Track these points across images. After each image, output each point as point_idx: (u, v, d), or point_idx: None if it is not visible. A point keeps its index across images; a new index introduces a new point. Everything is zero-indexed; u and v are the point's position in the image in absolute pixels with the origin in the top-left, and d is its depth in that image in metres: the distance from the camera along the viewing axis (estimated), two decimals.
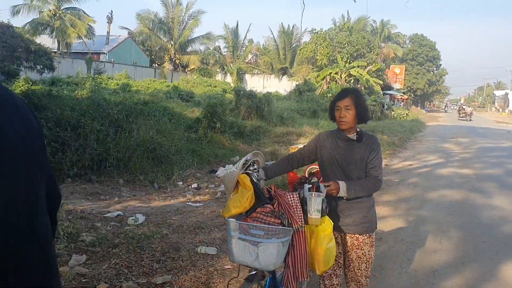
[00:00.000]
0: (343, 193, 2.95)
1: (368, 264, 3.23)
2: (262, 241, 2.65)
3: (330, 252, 2.95)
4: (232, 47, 47.75)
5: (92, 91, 15.70)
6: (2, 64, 17.98)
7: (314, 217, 2.81)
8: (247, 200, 2.81)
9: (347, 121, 3.07)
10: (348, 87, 3.63)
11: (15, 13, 32.66)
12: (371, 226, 3.17)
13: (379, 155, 3.10)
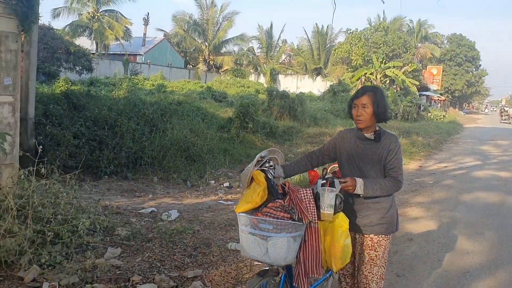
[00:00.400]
0: (360, 190, 2.89)
1: (380, 268, 3.08)
2: (271, 235, 2.65)
3: (347, 248, 2.91)
4: (266, 47, 47.79)
5: (129, 92, 16.12)
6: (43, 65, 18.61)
7: (327, 213, 2.79)
8: (258, 195, 2.80)
9: (363, 119, 2.99)
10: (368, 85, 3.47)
11: (55, 15, 33.81)
12: (389, 228, 3.07)
13: (398, 155, 2.99)
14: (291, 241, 2.69)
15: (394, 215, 3.10)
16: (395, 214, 3.11)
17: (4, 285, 3.63)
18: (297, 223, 2.71)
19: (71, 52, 21.86)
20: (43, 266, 3.91)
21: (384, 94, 3.10)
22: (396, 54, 40.01)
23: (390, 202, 3.06)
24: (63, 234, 4.19)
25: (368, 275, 3.07)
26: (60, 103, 10.59)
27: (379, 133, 3.02)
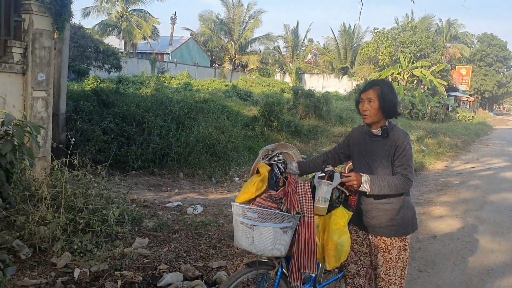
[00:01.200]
0: (366, 187, 2.75)
1: (397, 270, 2.95)
2: (257, 224, 2.62)
3: (341, 247, 2.83)
4: (292, 47, 47.72)
5: (156, 90, 16.39)
6: (73, 63, 19.05)
7: (320, 206, 2.71)
8: (254, 185, 2.78)
9: (369, 114, 2.87)
10: (377, 79, 3.38)
11: (85, 15, 34.64)
12: (401, 229, 2.90)
13: (407, 152, 2.81)
14: (279, 232, 2.63)
15: (407, 216, 2.92)
16: (408, 215, 2.93)
17: (38, 270, 3.81)
18: (285, 214, 2.65)
19: (100, 51, 22.31)
20: (75, 253, 4.08)
21: (392, 88, 2.96)
22: (424, 53, 39.40)
23: (400, 203, 2.88)
24: (93, 223, 4.36)
25: (385, 278, 2.96)
26: (90, 99, 10.87)
27: (386, 129, 2.88)
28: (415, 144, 15.05)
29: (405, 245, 2.94)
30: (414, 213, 3.00)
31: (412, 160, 2.84)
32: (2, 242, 3.99)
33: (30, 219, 4.11)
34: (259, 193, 2.79)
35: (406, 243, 2.95)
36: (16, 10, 6.55)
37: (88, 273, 3.79)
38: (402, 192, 2.85)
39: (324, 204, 2.72)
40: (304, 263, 2.75)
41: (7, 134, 4.71)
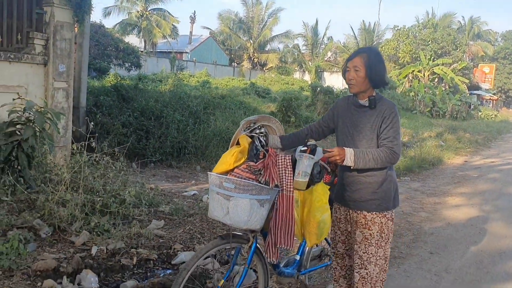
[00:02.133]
0: (350, 161, 2.62)
1: (378, 249, 2.77)
2: (233, 195, 2.55)
3: (324, 224, 2.77)
4: (311, 45, 47.57)
5: (174, 86, 16.60)
6: (94, 61, 19.39)
7: (300, 180, 2.62)
8: (233, 156, 2.71)
9: (355, 83, 2.74)
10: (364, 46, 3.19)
11: (106, 14, 35.24)
12: (383, 203, 2.77)
13: (394, 124, 2.69)
14: (255, 205, 2.56)
15: (390, 190, 2.79)
16: (391, 190, 2.80)
17: (58, 247, 3.95)
18: (263, 186, 2.59)
19: (120, 49, 22.64)
20: (92, 232, 4.21)
21: (379, 56, 2.81)
22: (445, 51, 38.89)
23: (383, 176, 2.76)
24: (110, 204, 4.49)
25: (363, 256, 2.78)
26: (110, 95, 11.09)
27: (373, 99, 2.75)
28: (434, 140, 14.92)
29: (387, 221, 2.79)
30: (397, 189, 2.89)
31: (399, 132, 2.73)
32: (24, 222, 4.14)
33: (50, 200, 4.25)
34: (238, 164, 2.71)
35: (389, 219, 2.80)
36: (38, 3, 6.77)
37: (105, 250, 3.92)
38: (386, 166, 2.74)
39: (304, 179, 2.62)
40: (281, 238, 2.69)
41: (28, 121, 4.89)
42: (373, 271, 2.77)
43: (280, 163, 2.68)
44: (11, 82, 6.51)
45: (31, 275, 3.36)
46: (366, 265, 2.78)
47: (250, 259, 2.80)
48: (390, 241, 2.83)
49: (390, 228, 2.81)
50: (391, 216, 2.82)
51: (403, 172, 9.86)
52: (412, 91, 32.13)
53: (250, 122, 2.90)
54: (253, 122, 2.91)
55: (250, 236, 2.79)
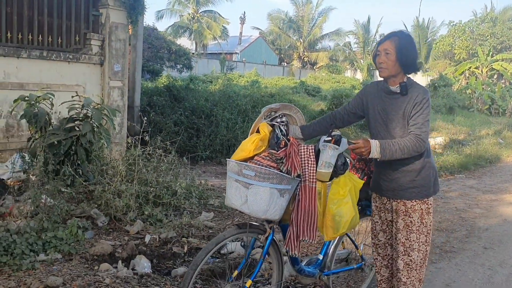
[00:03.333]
0: (376, 153, 2.55)
1: (420, 235, 2.73)
2: (252, 183, 2.46)
3: (339, 217, 2.66)
4: (363, 42, 46.76)
5: (224, 86, 16.87)
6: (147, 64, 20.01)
7: (323, 171, 2.52)
8: (253, 143, 2.62)
9: (385, 67, 2.65)
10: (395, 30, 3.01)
11: (159, 17, 36.29)
12: (422, 191, 2.71)
13: (425, 110, 2.59)
14: (275, 194, 2.47)
15: (429, 177, 2.73)
16: (430, 176, 2.74)
17: (113, 235, 4.15)
18: (284, 174, 2.50)
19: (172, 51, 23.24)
20: (146, 222, 4.39)
21: (411, 40, 2.74)
22: (505, 46, 37.09)
23: (422, 163, 2.70)
24: (163, 196, 4.66)
25: (405, 242, 2.74)
26: (163, 95, 11.47)
27: (405, 85, 2.66)
28: (492, 138, 14.28)
29: (428, 207, 2.75)
30: (436, 175, 2.82)
31: (428, 120, 2.62)
32: (82, 211, 4.37)
33: (106, 191, 4.46)
34: (258, 152, 2.63)
35: (429, 206, 2.75)
36: (94, 4, 7.10)
37: (158, 238, 4.08)
38: (421, 153, 2.65)
39: (327, 169, 2.52)
40: (304, 230, 2.60)
41: (86, 117, 5.15)
42: (417, 257, 2.74)
43: (303, 153, 2.59)
44: (70, 81, 6.86)
45: (88, 259, 3.55)
46: (409, 252, 2.74)
47: (266, 251, 2.71)
48: (431, 227, 2.79)
49: (431, 214, 2.77)
50: (431, 202, 2.77)
51: (457, 169, 9.53)
52: (469, 88, 30.91)
53: (272, 110, 2.81)
54: (274, 111, 2.81)
55: (267, 226, 2.70)
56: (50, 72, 6.70)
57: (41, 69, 6.60)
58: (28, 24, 6.63)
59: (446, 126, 16.48)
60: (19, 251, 3.44)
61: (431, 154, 2.79)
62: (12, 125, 6.38)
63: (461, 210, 6.25)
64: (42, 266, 3.35)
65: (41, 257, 3.49)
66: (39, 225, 3.77)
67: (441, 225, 5.52)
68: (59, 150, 4.88)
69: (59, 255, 3.56)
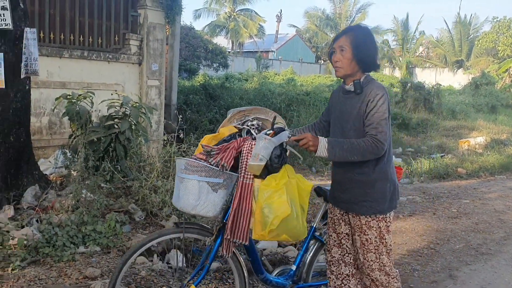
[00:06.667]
0: (323, 151, 2.31)
1: (379, 255, 2.47)
2: (183, 176, 2.37)
3: (268, 211, 2.33)
4: (402, 40, 45.84)
5: (259, 84, 16.95)
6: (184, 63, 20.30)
7: (252, 163, 2.31)
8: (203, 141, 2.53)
9: (341, 66, 2.43)
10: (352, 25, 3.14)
11: (196, 17, 36.81)
12: (375, 206, 2.43)
13: (379, 108, 2.32)
14: (205, 188, 2.33)
15: (384, 191, 2.45)
16: (386, 190, 2.45)
17: (150, 230, 4.28)
18: (211, 166, 2.34)
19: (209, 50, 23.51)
20: (181, 217, 4.47)
21: (368, 34, 2.49)
22: None
23: (376, 174, 2.43)
24: None
25: (365, 262, 2.51)
26: (199, 93, 11.65)
27: (358, 82, 2.42)
28: None
29: (387, 225, 2.48)
30: (395, 189, 2.51)
31: (386, 118, 2.34)
32: (120, 206, 4.52)
33: (143, 187, 4.59)
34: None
35: (388, 224, 2.48)
36: (133, 5, 7.29)
37: None
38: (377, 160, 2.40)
39: (257, 162, 2.29)
40: (234, 229, 2.38)
41: (125, 115, 5.31)
42: (379, 276, 2.50)
43: (245, 148, 2.39)
44: (109, 80, 7.08)
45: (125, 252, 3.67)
46: (369, 273, 2.52)
47: (212, 256, 2.51)
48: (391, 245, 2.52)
49: (390, 232, 2.50)
50: (390, 219, 2.50)
51: (498, 170, 9.24)
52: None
53: (243, 113, 2.65)
54: (247, 114, 2.65)
55: (215, 228, 2.50)
56: (91, 71, 6.94)
57: (82, 68, 6.85)
58: (70, 25, 6.89)
59: (488, 126, 15.99)
60: (61, 243, 3.60)
61: (391, 164, 2.51)
62: (54, 123, 6.65)
63: (500, 212, 6.07)
64: (82, 258, 3.50)
65: (81, 249, 3.65)
66: (79, 219, 3.93)
67: (478, 226, 5.39)
68: (99, 147, 5.06)
69: (98, 247, 3.70)
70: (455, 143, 12.38)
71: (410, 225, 5.34)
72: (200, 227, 2.57)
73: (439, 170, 8.81)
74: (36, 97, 6.21)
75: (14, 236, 3.70)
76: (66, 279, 3.17)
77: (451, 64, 44.14)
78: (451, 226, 5.37)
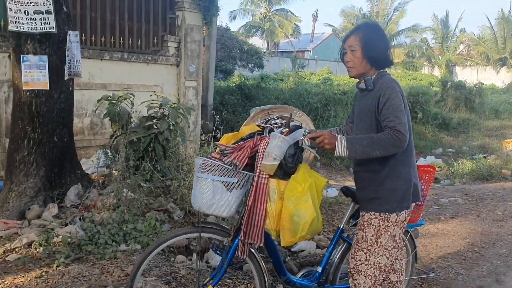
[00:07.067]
0: (343, 149, 2.20)
1: (370, 255, 2.36)
2: (198, 175, 2.35)
3: (298, 218, 2.28)
4: (441, 38, 44.65)
5: (295, 84, 16.88)
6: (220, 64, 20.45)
7: (265, 163, 2.25)
8: (222, 140, 2.51)
9: (352, 66, 2.37)
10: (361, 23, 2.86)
11: (232, 18, 37.06)
12: (383, 204, 2.33)
13: (392, 101, 2.22)
14: (219, 187, 2.30)
15: (396, 189, 2.34)
16: (397, 189, 2.34)
17: None
18: (225, 166, 2.30)
19: (244, 51, 23.61)
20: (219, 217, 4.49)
21: (377, 31, 2.44)
22: None
23: (386, 171, 2.33)
24: None
25: (351, 261, 2.41)
26: (234, 93, 11.74)
27: (369, 79, 2.35)
28: None
29: (387, 226, 2.35)
30: (409, 187, 2.37)
31: (402, 111, 2.22)
32: (160, 205, 4.59)
33: (182, 186, 4.64)
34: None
35: (389, 224, 2.35)
36: (171, 8, 7.40)
37: None
38: (387, 158, 2.28)
39: (270, 161, 2.24)
40: (248, 231, 2.34)
41: (164, 116, 5.39)
42: (363, 282, 2.38)
43: (261, 147, 2.32)
44: (149, 82, 7.21)
45: (165, 251, 3.72)
46: (354, 274, 2.41)
47: (230, 257, 2.49)
48: (390, 250, 2.38)
49: (388, 233, 2.35)
50: (398, 221, 2.36)
51: None
52: None
53: (266, 112, 2.66)
54: (271, 113, 2.71)
55: (233, 228, 2.48)
56: (131, 73, 7.08)
57: (122, 70, 7.00)
58: (111, 28, 7.06)
59: None
60: (103, 241, 3.69)
61: (407, 162, 2.38)
62: (96, 123, 6.82)
63: None
64: (123, 256, 3.57)
65: (122, 247, 3.72)
66: (120, 217, 4.01)
67: None
68: (139, 147, 5.15)
69: (139, 245, 3.76)
70: (499, 143, 11.97)
71: (452, 228, 5.18)
72: (217, 227, 2.55)
73: (482, 171, 8.53)
74: (78, 98, 6.38)
75: (59, 234, 3.81)
76: (108, 276, 3.24)
77: (493, 62, 42.70)
78: (496, 229, 5.18)
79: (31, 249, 3.66)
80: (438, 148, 12.20)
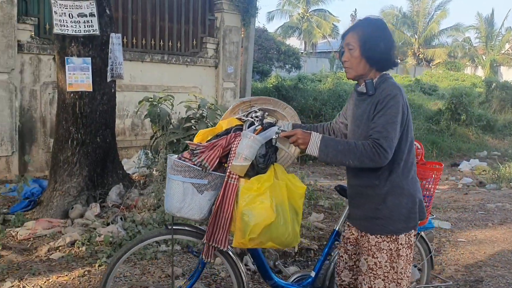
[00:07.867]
0: (314, 148, 2.02)
1: (389, 283, 2.09)
2: (169, 176, 2.23)
3: (247, 218, 2.07)
4: (485, 37, 43.20)
5: (334, 85, 16.69)
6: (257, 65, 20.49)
7: (237, 164, 2.07)
8: (197, 137, 2.32)
9: (349, 66, 2.10)
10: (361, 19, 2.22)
11: (270, 19, 37.09)
12: (387, 224, 2.07)
13: (388, 110, 1.96)
14: (190, 189, 2.17)
15: (399, 206, 2.08)
16: (401, 206, 2.08)
17: None
18: (194, 167, 2.15)
19: (281, 52, 23.56)
20: None
21: (379, 27, 2.13)
22: None
23: (387, 187, 2.07)
24: None
25: None
26: (271, 94, 11.69)
27: (370, 82, 2.07)
28: None
29: (399, 248, 2.08)
30: (414, 204, 2.11)
31: (394, 123, 1.96)
32: None
33: None
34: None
35: (399, 246, 2.08)
36: (210, 9, 7.45)
37: None
38: (389, 172, 2.05)
39: (240, 162, 2.07)
40: (213, 233, 2.19)
41: (202, 117, 5.41)
42: None
43: (234, 146, 2.14)
44: (188, 83, 7.28)
45: None
46: None
47: (203, 259, 2.34)
48: (406, 273, 2.11)
49: (406, 257, 2.10)
50: (408, 241, 2.10)
51: None
52: None
53: (248, 103, 2.37)
54: (252, 105, 2.37)
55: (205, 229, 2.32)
56: (170, 75, 7.16)
57: (162, 72, 7.09)
58: (151, 30, 7.17)
59: None
60: None
61: (410, 177, 2.12)
62: (137, 124, 6.93)
63: None
64: (164, 257, 3.59)
65: (163, 247, 3.74)
66: (161, 218, 4.04)
67: None
68: (178, 148, 5.18)
69: (179, 246, 3.78)
70: None
71: (501, 235, 4.95)
72: (191, 229, 2.40)
73: None
74: (120, 100, 6.49)
75: (101, 233, 3.88)
76: (149, 276, 3.26)
77: None
78: None
79: (74, 248, 3.73)
80: (483, 151, 11.80)
